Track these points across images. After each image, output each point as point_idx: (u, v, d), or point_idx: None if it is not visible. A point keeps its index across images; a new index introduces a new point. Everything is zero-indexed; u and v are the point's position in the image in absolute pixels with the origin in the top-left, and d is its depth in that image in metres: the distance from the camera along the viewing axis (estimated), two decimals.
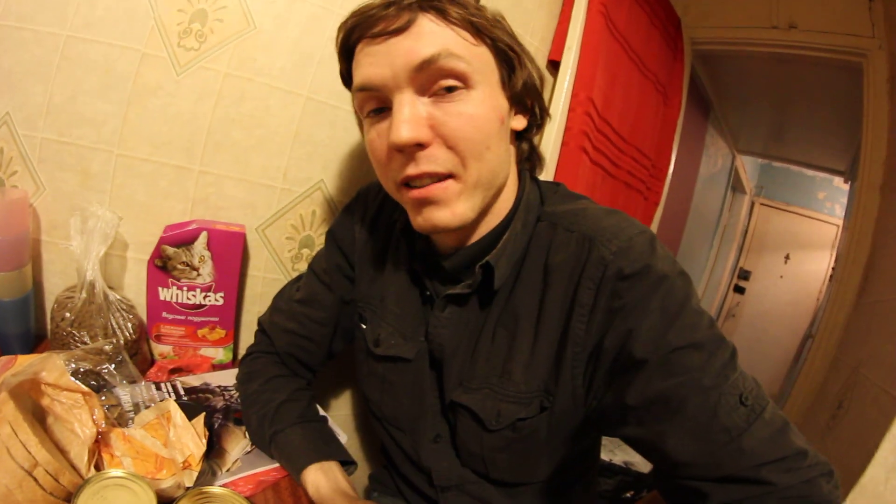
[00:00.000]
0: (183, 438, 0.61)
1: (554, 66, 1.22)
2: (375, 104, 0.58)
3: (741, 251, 4.50)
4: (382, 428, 0.81)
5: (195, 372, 0.88)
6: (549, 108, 1.16)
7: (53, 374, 0.57)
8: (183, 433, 0.62)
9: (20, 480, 0.46)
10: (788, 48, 1.71)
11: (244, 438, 0.73)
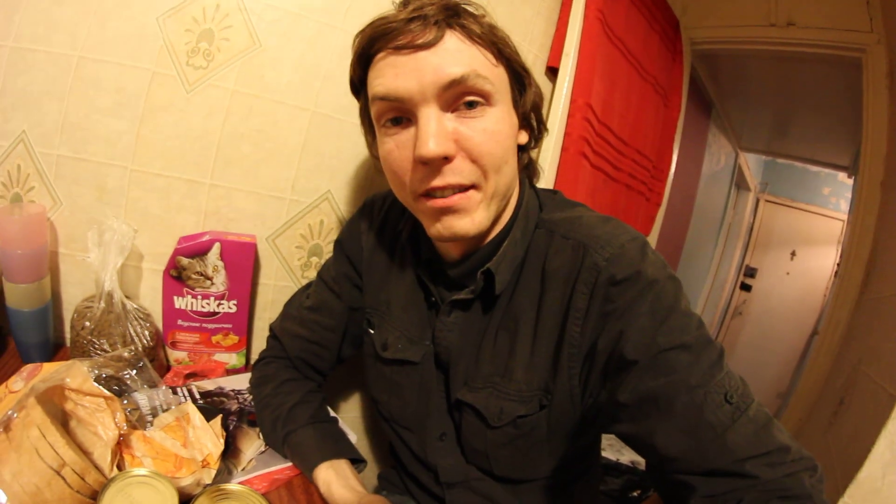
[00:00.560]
0: (202, 439, 0.64)
1: (552, 72, 1.23)
2: (394, 114, 0.59)
3: (747, 249, 4.47)
4: (390, 428, 0.83)
5: (210, 376, 0.91)
6: (548, 114, 1.19)
7: (77, 379, 0.59)
8: (202, 434, 0.64)
9: (49, 479, 0.48)
10: (787, 46, 1.70)
11: (258, 439, 0.76)
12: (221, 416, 0.69)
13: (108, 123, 0.85)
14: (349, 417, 1.18)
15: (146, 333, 0.84)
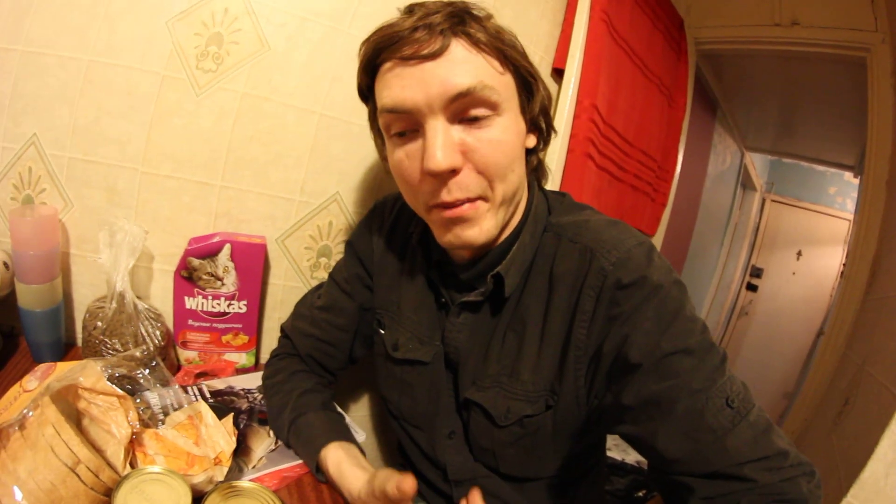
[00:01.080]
0: (214, 436, 0.65)
1: (558, 74, 1.24)
2: (403, 126, 0.59)
3: (753, 248, 4.44)
4: (400, 426, 0.84)
5: (220, 376, 0.92)
6: (554, 115, 1.19)
7: (91, 379, 0.60)
8: (214, 431, 0.65)
9: (64, 477, 0.49)
10: (792, 45, 1.70)
11: (268, 437, 0.76)
12: (233, 414, 0.70)
13: (118, 126, 0.86)
14: (357, 416, 1.19)
15: (157, 333, 0.85)
